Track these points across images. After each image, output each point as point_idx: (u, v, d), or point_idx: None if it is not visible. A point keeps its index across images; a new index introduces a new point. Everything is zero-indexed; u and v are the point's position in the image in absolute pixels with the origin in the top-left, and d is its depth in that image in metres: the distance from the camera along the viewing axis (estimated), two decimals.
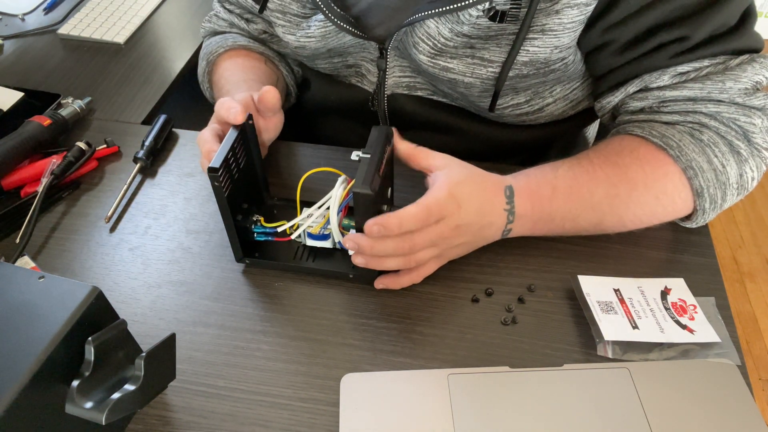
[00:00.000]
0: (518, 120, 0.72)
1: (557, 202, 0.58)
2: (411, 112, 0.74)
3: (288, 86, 0.82)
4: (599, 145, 0.62)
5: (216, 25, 0.81)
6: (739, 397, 0.51)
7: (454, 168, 0.56)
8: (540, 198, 0.57)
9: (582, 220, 0.59)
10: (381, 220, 0.51)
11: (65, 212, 0.69)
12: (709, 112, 0.58)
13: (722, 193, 0.58)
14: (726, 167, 0.57)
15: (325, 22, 0.66)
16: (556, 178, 0.58)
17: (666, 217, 0.61)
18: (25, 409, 0.39)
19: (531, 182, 0.58)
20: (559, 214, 0.58)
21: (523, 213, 0.57)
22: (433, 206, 0.52)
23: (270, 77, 0.77)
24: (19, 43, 1.00)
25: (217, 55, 0.77)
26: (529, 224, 0.59)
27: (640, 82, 0.59)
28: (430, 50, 0.63)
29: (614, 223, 0.60)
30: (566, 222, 0.59)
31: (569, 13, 0.56)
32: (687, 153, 0.57)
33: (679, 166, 0.57)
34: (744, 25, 0.57)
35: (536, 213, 0.58)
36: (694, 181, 0.57)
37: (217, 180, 0.53)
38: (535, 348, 0.56)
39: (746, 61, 0.57)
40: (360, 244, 0.54)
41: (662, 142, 0.57)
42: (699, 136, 0.57)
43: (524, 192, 0.57)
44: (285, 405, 0.52)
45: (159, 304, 0.60)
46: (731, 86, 0.56)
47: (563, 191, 0.58)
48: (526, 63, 0.61)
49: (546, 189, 0.58)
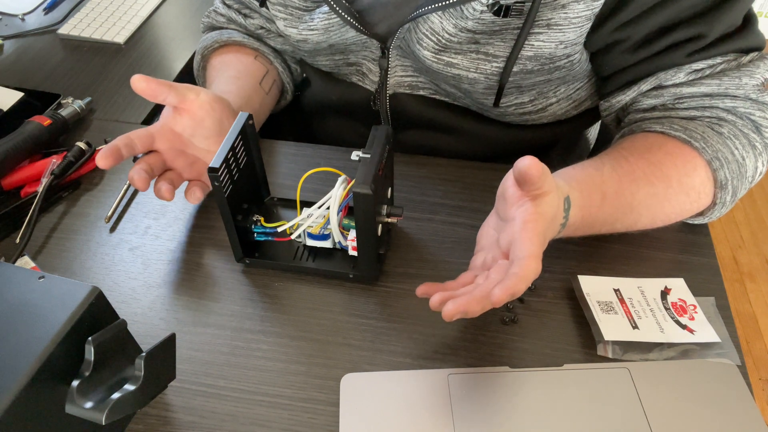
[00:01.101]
0: (521, 119, 0.72)
1: (605, 209, 0.56)
2: (413, 111, 0.74)
3: (284, 83, 0.82)
4: (624, 142, 0.61)
5: (214, 21, 0.82)
6: (739, 397, 0.51)
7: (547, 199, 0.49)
8: (590, 207, 0.55)
9: (618, 224, 0.58)
10: (512, 289, 0.43)
11: (65, 212, 0.69)
12: (725, 107, 0.59)
13: (741, 185, 0.59)
14: (746, 160, 0.58)
15: (329, 14, 0.66)
16: (604, 182, 0.56)
17: (691, 212, 0.60)
18: (25, 409, 0.39)
19: (584, 190, 0.54)
20: (601, 221, 0.57)
21: (573, 222, 0.54)
22: (540, 250, 0.47)
23: (255, 72, 0.77)
24: (19, 43, 1.00)
25: (211, 50, 0.78)
26: (570, 231, 0.56)
27: (654, 80, 0.60)
28: (434, 46, 0.62)
29: (647, 223, 0.59)
30: (604, 227, 0.58)
31: (575, 8, 0.56)
32: (712, 144, 0.57)
33: (705, 158, 0.57)
34: (748, 24, 0.59)
35: (585, 221, 0.55)
36: (720, 173, 0.57)
37: (217, 180, 0.53)
38: (535, 348, 0.56)
39: (757, 58, 0.58)
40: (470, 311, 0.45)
41: (686, 135, 0.57)
42: (719, 130, 0.58)
43: (578, 202, 0.54)
44: (285, 405, 0.52)
45: (159, 304, 0.60)
46: (747, 82, 0.57)
47: (611, 196, 0.56)
48: (531, 58, 0.61)
49: (596, 197, 0.55)
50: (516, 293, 0.44)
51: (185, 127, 0.62)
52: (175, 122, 0.62)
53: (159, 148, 0.62)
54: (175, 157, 0.63)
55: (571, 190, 0.53)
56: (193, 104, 0.61)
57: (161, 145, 0.62)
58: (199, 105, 0.61)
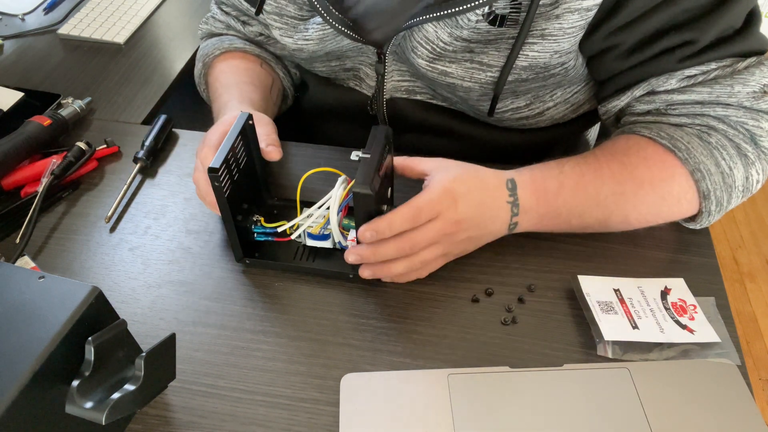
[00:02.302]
0: (518, 124, 0.71)
1: (563, 198, 0.58)
2: (410, 115, 0.74)
3: (285, 89, 0.82)
4: (606, 143, 0.62)
5: (213, 27, 0.81)
6: (739, 397, 0.51)
7: (449, 167, 0.56)
8: (545, 192, 0.57)
9: (588, 217, 0.59)
10: (372, 225, 0.52)
11: (65, 212, 0.69)
12: (717, 115, 0.58)
13: (728, 196, 0.58)
14: (733, 170, 0.57)
15: (323, 25, 0.66)
16: (562, 173, 0.58)
17: (671, 218, 0.61)
18: (25, 409, 0.39)
19: (536, 176, 0.58)
20: (565, 210, 0.58)
21: (529, 207, 0.57)
22: (424, 204, 0.53)
23: (265, 80, 0.77)
24: (19, 43, 1.00)
25: (213, 57, 0.77)
26: (535, 218, 0.59)
27: (647, 85, 0.59)
28: (428, 54, 0.62)
29: (620, 221, 0.60)
30: (573, 218, 0.59)
31: (570, 18, 0.56)
32: (695, 156, 0.57)
33: (687, 168, 0.57)
34: (749, 27, 0.57)
35: (542, 207, 0.58)
36: (702, 184, 0.57)
37: (217, 180, 0.53)
38: (535, 348, 0.56)
39: (753, 64, 0.56)
40: (361, 254, 0.54)
41: (671, 144, 0.57)
42: (707, 139, 0.57)
43: (528, 185, 0.57)
44: (285, 405, 0.52)
45: (159, 304, 0.60)
46: (739, 90, 0.56)
47: (569, 187, 0.58)
48: (525, 68, 0.61)
49: (552, 183, 0.58)
50: (376, 230, 0.52)
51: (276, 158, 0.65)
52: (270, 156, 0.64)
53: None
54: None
55: (519, 175, 0.58)
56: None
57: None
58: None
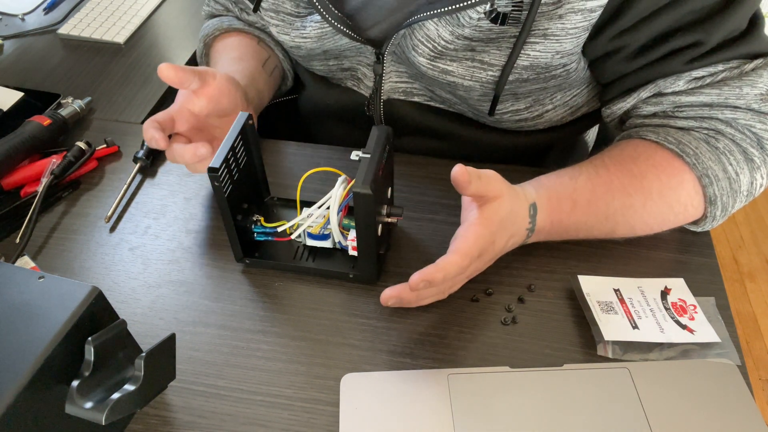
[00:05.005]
0: (517, 126, 0.71)
1: (575, 217, 0.58)
2: (407, 117, 0.74)
3: (284, 70, 0.83)
4: (614, 150, 0.61)
5: (214, 9, 0.83)
6: (739, 397, 0.51)
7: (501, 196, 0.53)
8: (560, 213, 0.57)
9: (595, 230, 0.60)
10: (427, 276, 0.49)
11: (65, 212, 0.69)
12: (725, 119, 0.57)
13: (733, 201, 0.58)
14: (740, 175, 0.57)
15: (321, 23, 0.66)
16: (576, 191, 0.58)
17: (676, 224, 0.61)
18: (25, 409, 0.39)
19: (552, 197, 0.58)
20: (574, 228, 0.59)
21: (541, 228, 0.58)
22: (473, 251, 0.52)
23: (259, 55, 0.77)
24: (19, 43, 0.99)
25: (212, 37, 0.79)
26: (543, 236, 0.59)
27: (653, 87, 0.59)
28: (429, 53, 0.62)
29: (625, 231, 0.60)
30: (580, 232, 0.60)
31: (573, 18, 0.56)
32: (703, 161, 0.56)
33: (695, 174, 0.57)
34: (754, 28, 0.57)
35: (554, 228, 0.58)
36: (709, 189, 0.57)
37: (217, 180, 0.53)
38: (535, 348, 0.56)
39: (761, 65, 0.56)
40: (404, 298, 0.54)
41: (679, 149, 0.57)
42: (715, 144, 0.57)
43: (545, 208, 0.57)
44: (285, 405, 0.52)
45: (159, 304, 0.60)
46: (748, 92, 0.56)
47: (582, 205, 0.58)
48: (527, 67, 0.60)
49: (566, 204, 0.57)
50: (432, 281, 0.49)
51: (202, 108, 0.64)
52: (192, 104, 0.63)
53: (179, 130, 0.63)
54: (193, 137, 0.65)
55: (539, 197, 0.57)
56: (211, 86, 0.63)
57: (181, 127, 0.63)
58: (217, 87, 0.63)
